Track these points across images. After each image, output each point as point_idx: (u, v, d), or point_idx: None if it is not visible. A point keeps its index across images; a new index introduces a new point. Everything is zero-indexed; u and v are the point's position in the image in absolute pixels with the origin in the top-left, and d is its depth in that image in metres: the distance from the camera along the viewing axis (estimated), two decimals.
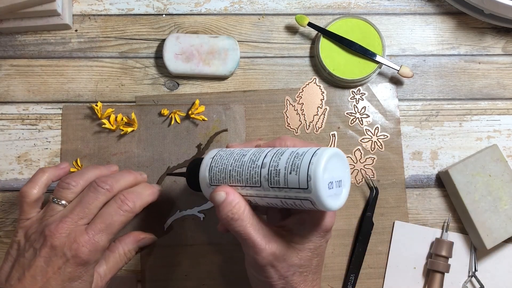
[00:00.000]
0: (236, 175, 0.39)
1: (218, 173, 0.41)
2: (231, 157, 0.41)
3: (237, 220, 0.39)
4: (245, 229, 0.39)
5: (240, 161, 0.40)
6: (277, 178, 0.37)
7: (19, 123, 0.56)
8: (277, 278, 0.40)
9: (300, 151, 0.37)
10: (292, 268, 0.40)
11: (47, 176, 0.47)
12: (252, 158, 0.39)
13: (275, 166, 0.37)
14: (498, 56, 0.59)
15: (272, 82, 0.58)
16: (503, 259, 0.55)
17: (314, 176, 0.34)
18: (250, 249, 0.39)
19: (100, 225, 0.44)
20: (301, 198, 0.36)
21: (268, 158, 0.38)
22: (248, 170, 0.39)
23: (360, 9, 0.60)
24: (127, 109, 0.56)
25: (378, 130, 0.57)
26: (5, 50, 0.57)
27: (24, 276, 0.42)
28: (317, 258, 0.42)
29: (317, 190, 0.34)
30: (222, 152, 0.42)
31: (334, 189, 0.36)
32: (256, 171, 0.38)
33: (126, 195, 0.46)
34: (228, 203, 0.39)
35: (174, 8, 0.59)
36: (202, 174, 0.43)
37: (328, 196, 0.35)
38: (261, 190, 0.38)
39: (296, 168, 0.35)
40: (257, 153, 0.39)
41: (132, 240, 0.50)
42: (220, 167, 0.41)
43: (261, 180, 0.38)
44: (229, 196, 0.39)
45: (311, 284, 0.42)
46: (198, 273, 0.54)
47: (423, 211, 0.56)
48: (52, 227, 0.43)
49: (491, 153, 0.54)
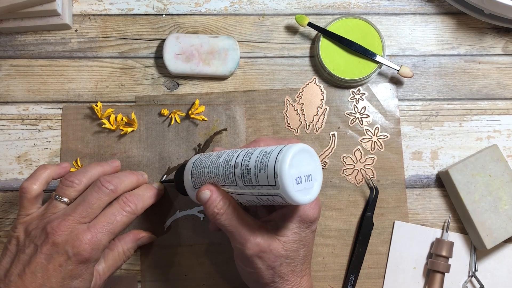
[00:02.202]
0: (214, 177, 0.42)
1: (199, 176, 0.44)
2: (208, 160, 0.43)
3: (222, 214, 0.41)
4: (231, 222, 0.41)
5: (216, 163, 0.42)
6: (249, 177, 0.38)
7: (19, 123, 0.56)
8: (265, 268, 0.42)
9: (268, 150, 0.38)
10: (278, 259, 0.42)
11: (48, 173, 0.47)
12: (226, 159, 0.41)
13: (246, 166, 0.39)
14: (498, 56, 0.59)
15: (272, 82, 0.58)
16: (503, 259, 0.55)
17: (280, 173, 0.36)
18: (237, 241, 0.42)
19: (103, 224, 0.44)
20: (272, 194, 0.37)
21: (240, 158, 0.39)
22: (223, 171, 0.41)
23: (360, 9, 0.60)
24: (127, 109, 0.56)
25: (378, 130, 0.57)
26: (5, 50, 0.57)
27: (24, 272, 0.42)
28: (304, 249, 0.43)
29: (284, 186, 0.36)
30: (202, 156, 0.45)
31: (303, 183, 0.38)
32: (230, 171, 0.40)
33: (129, 197, 0.47)
34: (213, 200, 0.41)
35: (174, 8, 0.59)
36: (186, 178, 0.45)
37: (297, 191, 0.37)
38: (238, 188, 0.40)
39: (264, 166, 0.37)
40: (230, 154, 0.41)
41: (132, 239, 0.51)
42: (200, 170, 0.43)
43: (236, 179, 0.40)
44: (213, 194, 0.42)
45: (300, 274, 0.44)
46: (198, 273, 0.54)
47: (423, 211, 0.56)
48: (55, 224, 0.43)
49: (491, 153, 0.54)
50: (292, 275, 0.43)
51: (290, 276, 0.43)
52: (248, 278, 0.45)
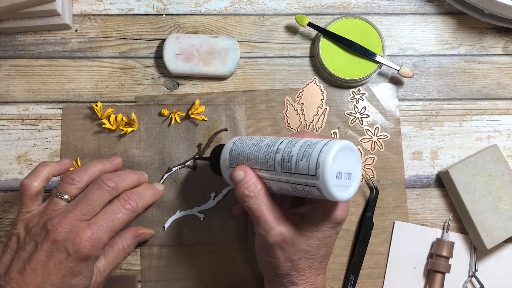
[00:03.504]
0: (253, 158, 0.42)
1: (237, 156, 0.44)
2: (250, 142, 0.44)
3: (252, 197, 0.41)
4: (259, 207, 0.41)
5: (257, 145, 0.43)
6: (289, 163, 0.39)
7: (19, 123, 0.56)
8: (284, 259, 0.42)
9: (314, 141, 0.39)
10: (299, 253, 0.42)
11: (48, 169, 0.47)
12: (269, 144, 0.42)
13: (288, 152, 0.39)
14: (498, 56, 0.59)
15: (272, 82, 0.58)
16: (503, 259, 0.55)
17: (323, 164, 0.36)
18: (261, 227, 0.41)
19: (103, 221, 0.44)
20: (309, 185, 0.38)
21: (283, 144, 0.40)
22: (264, 154, 0.41)
23: (360, 9, 0.60)
24: (127, 109, 0.56)
25: (378, 130, 0.57)
26: (5, 50, 0.57)
27: (25, 270, 0.42)
28: (325, 248, 0.43)
29: (324, 178, 0.36)
30: (243, 138, 0.45)
31: (342, 180, 0.38)
32: (271, 156, 0.41)
33: (129, 195, 0.47)
34: (245, 181, 0.42)
35: (174, 8, 0.59)
36: (223, 157, 0.46)
37: (335, 186, 0.37)
38: (274, 174, 0.41)
39: (307, 155, 0.38)
40: (274, 140, 0.42)
41: (132, 235, 0.51)
42: (240, 151, 0.44)
43: (275, 164, 0.40)
44: (247, 175, 0.42)
45: (316, 272, 0.44)
46: (198, 273, 0.54)
47: (423, 211, 0.56)
48: (55, 222, 0.43)
49: (491, 153, 0.54)
50: (309, 271, 0.43)
51: (307, 272, 0.43)
52: (265, 266, 0.45)
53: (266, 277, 0.46)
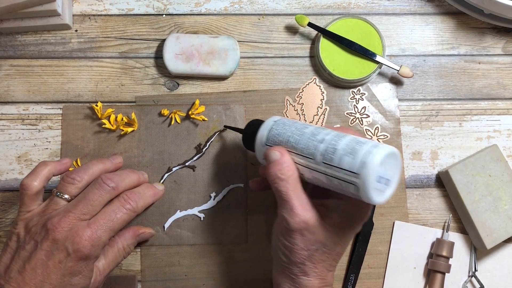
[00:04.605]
0: (294, 142, 0.42)
1: (277, 136, 0.44)
2: (293, 126, 0.44)
3: (283, 180, 0.41)
4: (288, 191, 0.41)
5: (301, 131, 0.43)
6: (332, 156, 0.39)
7: (19, 123, 0.56)
8: (301, 247, 0.42)
9: (363, 140, 0.39)
10: (317, 244, 0.42)
11: (49, 169, 0.47)
12: (313, 132, 0.42)
13: (333, 145, 0.39)
14: (498, 56, 0.59)
15: (272, 82, 0.58)
16: (503, 259, 0.55)
17: (369, 165, 0.37)
18: (286, 211, 0.41)
19: (103, 221, 0.44)
20: (348, 181, 0.38)
21: (330, 136, 0.41)
22: (306, 141, 0.41)
23: (360, 9, 0.60)
24: (127, 109, 0.56)
25: (378, 130, 0.57)
26: (5, 50, 0.57)
27: (24, 269, 0.42)
28: (341, 246, 0.44)
29: (366, 178, 0.37)
30: (285, 119, 0.45)
31: (381, 184, 0.38)
32: (314, 144, 0.41)
33: (129, 195, 0.47)
34: (280, 163, 0.42)
35: (174, 8, 0.59)
36: (260, 133, 0.45)
37: (374, 188, 0.37)
38: (313, 162, 0.41)
39: (354, 152, 0.38)
40: (319, 129, 0.42)
41: (131, 235, 0.51)
42: (281, 131, 0.44)
43: (317, 153, 0.40)
44: (283, 157, 0.42)
45: (328, 267, 0.44)
46: (198, 273, 0.54)
47: (423, 211, 0.56)
48: (55, 221, 0.43)
49: (491, 153, 0.54)
50: (322, 265, 0.43)
51: (320, 265, 0.43)
52: (280, 250, 0.44)
53: (276, 262, 0.45)
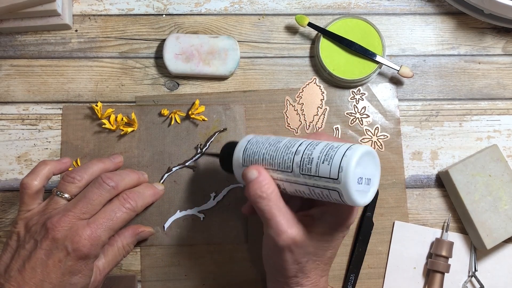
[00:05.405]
0: (270, 159, 0.42)
1: (252, 155, 0.43)
2: (266, 142, 0.43)
3: (264, 199, 0.41)
4: (271, 209, 0.41)
5: (275, 146, 0.42)
6: (309, 165, 0.38)
7: (19, 123, 0.56)
8: (292, 262, 0.41)
9: (335, 144, 0.38)
10: (307, 256, 0.42)
11: (49, 168, 0.47)
12: (287, 145, 0.41)
13: (308, 155, 0.39)
14: (498, 56, 0.59)
15: (272, 82, 0.58)
16: (503, 259, 0.55)
17: (346, 168, 0.36)
18: (272, 230, 0.41)
19: (103, 220, 0.44)
20: (329, 188, 0.37)
21: (303, 146, 0.40)
22: (282, 155, 0.41)
23: (360, 9, 0.60)
24: (127, 109, 0.56)
25: (378, 130, 0.57)
26: (5, 50, 0.57)
27: (24, 268, 0.42)
28: (331, 251, 0.44)
29: (346, 182, 0.36)
30: (258, 137, 0.45)
31: (362, 185, 0.38)
32: (289, 157, 0.40)
33: (129, 194, 0.48)
34: (258, 182, 0.41)
35: (174, 8, 0.59)
36: (236, 154, 0.45)
37: (356, 191, 0.37)
38: (291, 175, 0.40)
39: (329, 158, 0.37)
40: (292, 141, 0.41)
41: (131, 234, 0.51)
42: (255, 150, 0.43)
43: (293, 166, 0.40)
44: (261, 175, 0.41)
45: (321, 273, 0.44)
46: (198, 273, 0.54)
47: (423, 211, 0.56)
48: (55, 220, 0.43)
49: (491, 153, 0.54)
50: (314, 273, 0.43)
51: (312, 273, 0.43)
52: (271, 267, 0.44)
53: (270, 276, 0.46)
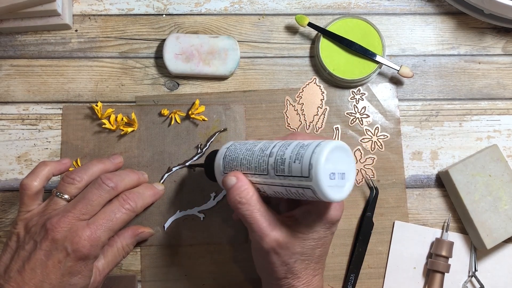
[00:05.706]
0: (246, 163, 0.42)
1: (231, 162, 0.44)
2: (243, 147, 0.43)
3: (244, 204, 0.41)
4: (252, 214, 0.41)
5: (251, 150, 0.42)
6: (282, 166, 0.38)
7: (19, 123, 0.56)
8: (279, 264, 0.42)
9: (306, 143, 0.38)
10: (294, 256, 0.42)
11: (49, 169, 0.47)
12: (262, 148, 0.42)
13: (281, 155, 0.39)
14: (498, 56, 0.59)
15: (272, 82, 0.58)
16: (503, 259, 0.55)
17: (316, 165, 0.36)
18: (255, 233, 0.41)
19: (102, 221, 0.44)
20: (303, 187, 0.37)
21: (276, 148, 0.40)
22: (257, 159, 0.41)
23: (360, 9, 0.60)
24: (127, 109, 0.56)
25: (378, 130, 0.57)
26: (5, 50, 0.57)
27: (24, 269, 0.42)
28: (320, 249, 0.43)
29: (317, 179, 0.36)
30: (237, 143, 0.45)
31: (336, 180, 0.38)
32: (264, 160, 0.40)
33: (129, 195, 0.48)
34: (237, 188, 0.41)
35: (174, 8, 0.59)
36: (217, 162, 0.46)
37: (329, 186, 0.37)
38: (267, 178, 0.40)
39: (300, 157, 0.37)
40: (267, 144, 0.42)
41: (131, 234, 0.51)
42: (233, 156, 0.44)
43: (268, 168, 0.40)
44: (239, 181, 0.41)
45: (312, 272, 0.44)
46: (198, 273, 0.54)
47: (423, 211, 0.56)
48: (54, 221, 0.43)
49: (491, 153, 0.54)
50: (305, 273, 0.43)
51: (303, 274, 0.43)
52: (262, 271, 0.45)
53: (264, 280, 0.46)
